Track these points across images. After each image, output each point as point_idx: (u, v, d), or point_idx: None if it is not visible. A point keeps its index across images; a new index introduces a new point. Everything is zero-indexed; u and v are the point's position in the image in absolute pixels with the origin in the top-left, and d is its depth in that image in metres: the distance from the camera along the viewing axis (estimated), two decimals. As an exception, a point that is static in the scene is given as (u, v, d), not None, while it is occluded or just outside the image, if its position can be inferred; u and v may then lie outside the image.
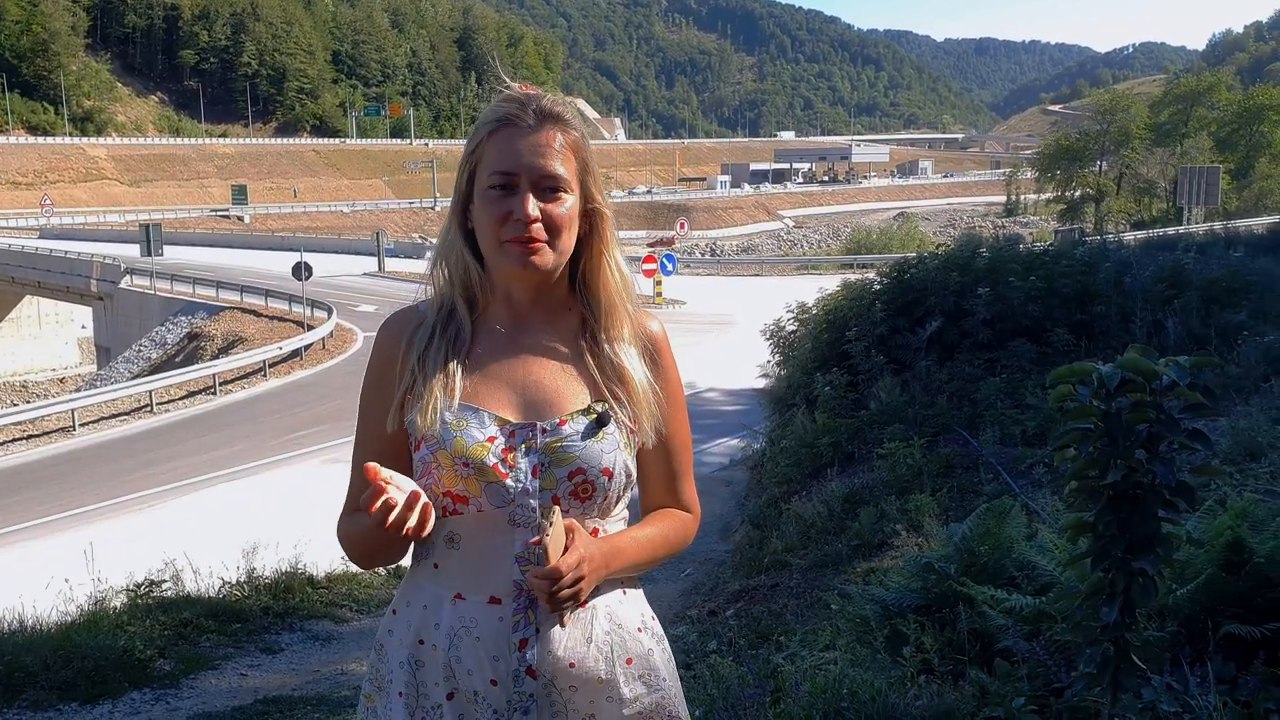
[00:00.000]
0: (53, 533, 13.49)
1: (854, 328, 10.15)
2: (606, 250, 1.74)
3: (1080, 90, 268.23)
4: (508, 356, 1.71)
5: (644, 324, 1.77)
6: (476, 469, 1.62)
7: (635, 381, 1.70)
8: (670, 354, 1.80)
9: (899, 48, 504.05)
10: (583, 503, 1.65)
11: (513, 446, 1.63)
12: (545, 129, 1.67)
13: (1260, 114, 64.94)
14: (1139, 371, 1.97)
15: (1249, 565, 2.81)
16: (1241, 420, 5.30)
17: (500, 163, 1.65)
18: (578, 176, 1.69)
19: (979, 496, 5.68)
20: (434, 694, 1.65)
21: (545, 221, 1.64)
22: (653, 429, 1.71)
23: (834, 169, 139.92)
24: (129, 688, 5.36)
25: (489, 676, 1.61)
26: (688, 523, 1.82)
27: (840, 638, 3.84)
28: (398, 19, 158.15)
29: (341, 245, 59.38)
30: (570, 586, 1.55)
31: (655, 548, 1.75)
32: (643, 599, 1.77)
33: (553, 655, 1.62)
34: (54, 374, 48.43)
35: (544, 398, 1.68)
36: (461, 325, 1.72)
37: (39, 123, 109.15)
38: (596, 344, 1.71)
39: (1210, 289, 9.14)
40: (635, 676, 1.67)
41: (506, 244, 1.64)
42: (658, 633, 1.76)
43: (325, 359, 26.98)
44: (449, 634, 1.63)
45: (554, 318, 1.74)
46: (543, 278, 1.69)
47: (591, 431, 1.65)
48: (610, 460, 1.65)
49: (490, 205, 1.65)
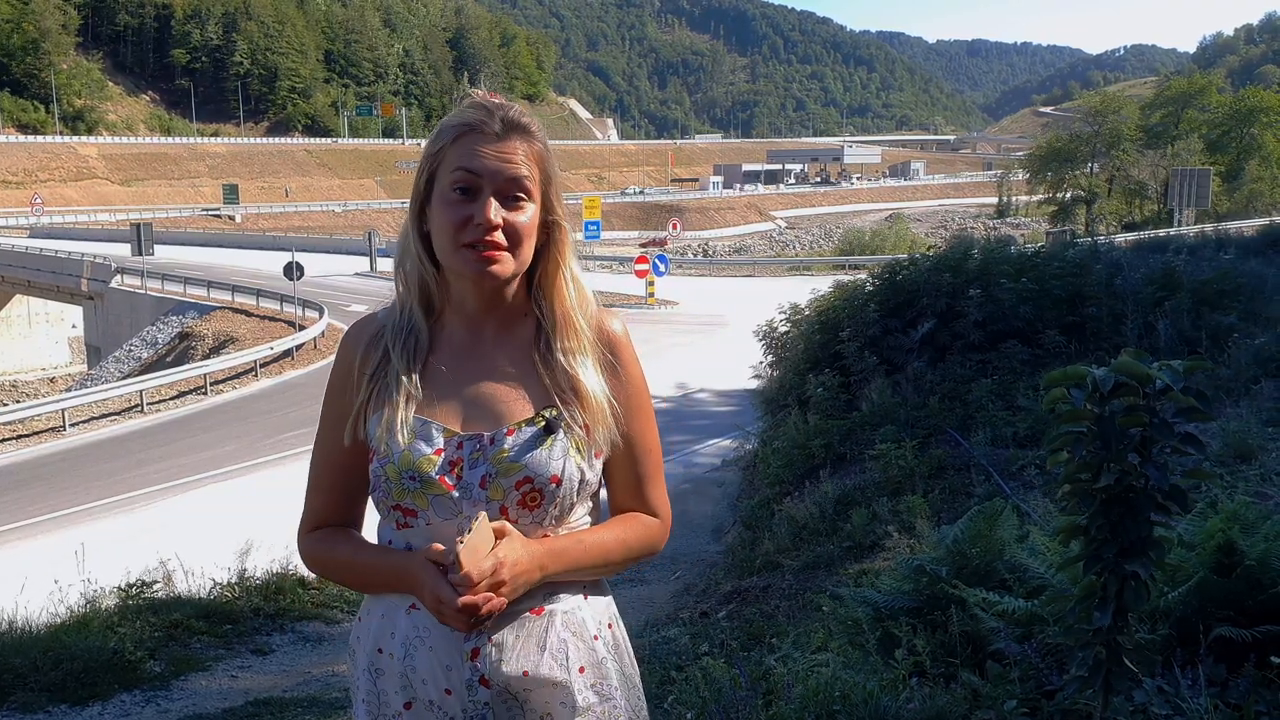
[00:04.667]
0: (43, 533, 13.44)
1: (846, 329, 10.16)
2: (563, 262, 1.72)
3: (1072, 92, 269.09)
4: (460, 366, 1.69)
5: (604, 323, 1.74)
6: (423, 482, 1.61)
7: (589, 393, 1.67)
8: (631, 354, 1.77)
9: (891, 49, 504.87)
10: (531, 511, 1.62)
11: (460, 458, 1.62)
12: (511, 138, 1.65)
13: (1251, 116, 65.17)
14: (1132, 375, 1.97)
15: (1240, 568, 2.81)
16: (1232, 422, 5.31)
17: (463, 163, 1.63)
18: (540, 186, 1.67)
19: (971, 498, 5.69)
20: (393, 702, 1.65)
21: (506, 229, 1.62)
22: (607, 441, 1.69)
23: (826, 170, 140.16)
24: (119, 689, 5.34)
25: (443, 686, 1.61)
26: (652, 527, 1.77)
27: (832, 640, 3.84)
28: (390, 18, 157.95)
29: (333, 245, 59.26)
30: (478, 600, 1.52)
31: (608, 552, 1.70)
32: (607, 605, 1.75)
33: (505, 664, 1.61)
34: (44, 373, 48.27)
35: (493, 408, 1.66)
36: (419, 333, 1.71)
37: (29, 121, 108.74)
38: (550, 353, 1.69)
39: (1201, 291, 9.17)
40: (588, 685, 1.65)
41: (464, 249, 1.62)
42: (617, 641, 1.74)
43: (317, 359, 26.92)
44: (404, 643, 1.63)
45: (509, 325, 1.72)
46: (498, 286, 1.67)
47: (539, 440, 1.63)
48: (558, 468, 1.63)
49: (449, 209, 1.63)
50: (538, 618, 1.64)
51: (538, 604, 1.64)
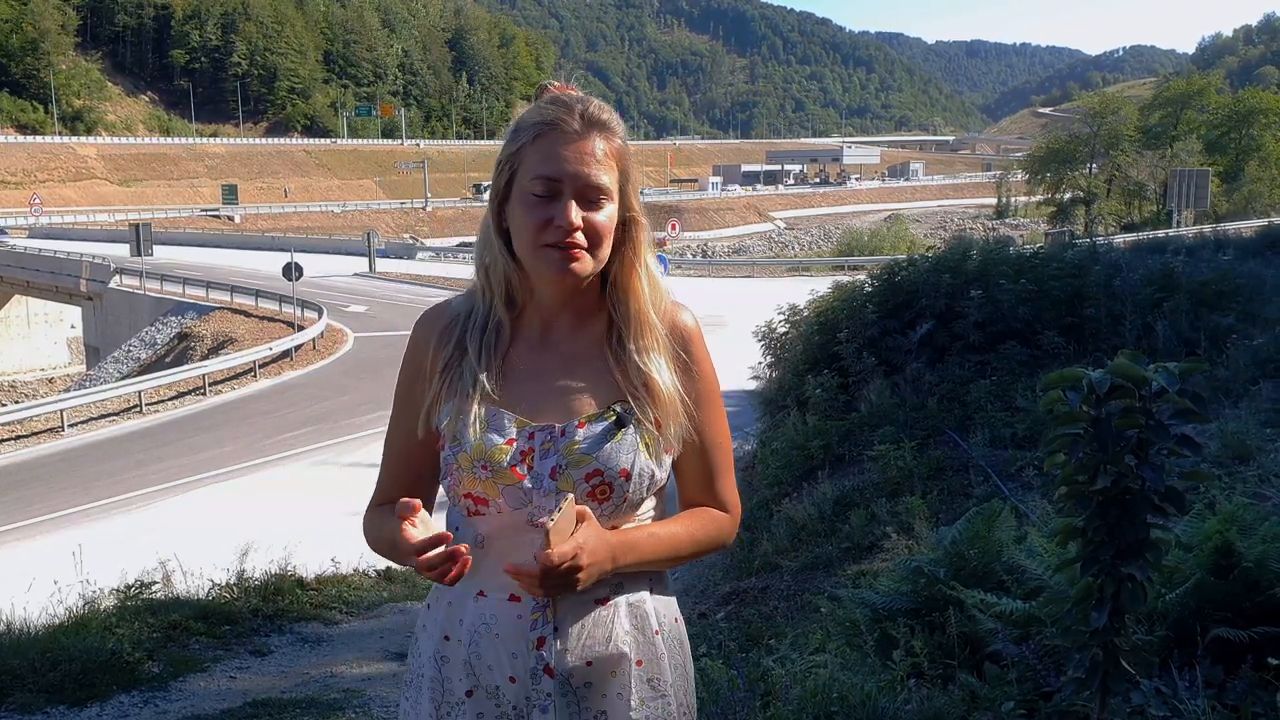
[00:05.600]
0: (42, 534, 13.44)
1: (845, 329, 10.16)
2: (639, 258, 1.73)
3: (1071, 93, 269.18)
4: (534, 358, 1.71)
5: (676, 318, 1.75)
6: (494, 471, 1.63)
7: (661, 389, 1.68)
8: (703, 349, 1.78)
9: (890, 49, 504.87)
10: (600, 504, 1.64)
11: (531, 448, 1.64)
12: (591, 136, 1.66)
13: (1249, 117, 65.26)
14: (1129, 377, 1.97)
15: (1238, 569, 2.81)
16: (1230, 423, 5.31)
17: (544, 168, 1.63)
18: (618, 184, 1.69)
19: (969, 499, 5.69)
20: (456, 690, 1.67)
21: (586, 229, 1.63)
22: (679, 438, 1.71)
23: (825, 171, 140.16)
24: (117, 690, 5.34)
25: (508, 673, 1.63)
26: (722, 522, 1.79)
27: (830, 641, 3.84)
28: (389, 19, 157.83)
29: (332, 245, 59.28)
30: (563, 575, 1.54)
31: (678, 545, 1.72)
32: (670, 602, 1.77)
33: (569, 654, 1.63)
34: (43, 374, 48.24)
35: (565, 400, 1.68)
36: (500, 328, 1.72)
37: (28, 122, 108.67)
38: (623, 350, 1.70)
39: (1200, 292, 9.17)
40: (644, 679, 1.67)
41: (545, 248, 1.63)
42: (676, 638, 1.75)
43: (316, 360, 26.93)
44: (471, 631, 1.65)
45: (583, 322, 1.73)
46: (576, 283, 1.68)
47: (610, 434, 1.64)
48: (628, 462, 1.64)
49: (530, 210, 1.64)
50: (603, 608, 1.66)
51: (605, 594, 1.66)
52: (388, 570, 8.97)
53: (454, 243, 71.43)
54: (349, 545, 9.89)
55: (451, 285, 42.71)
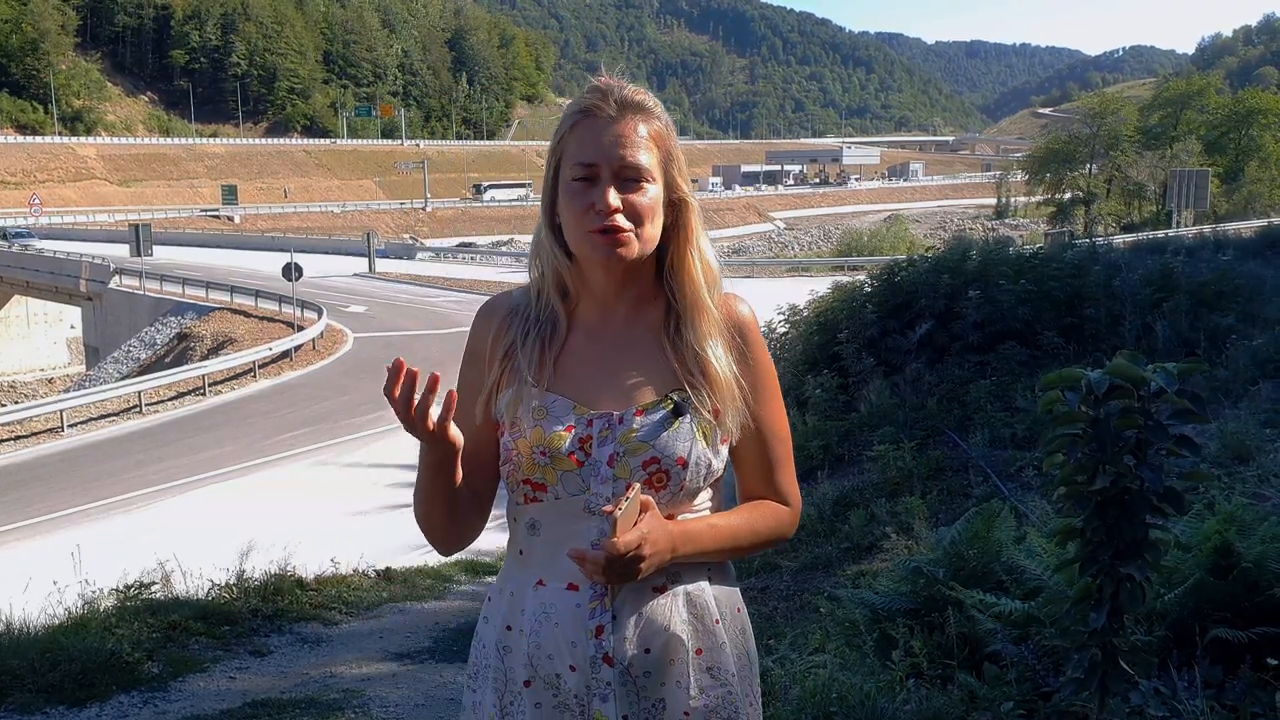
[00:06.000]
0: (41, 534, 13.44)
1: (845, 330, 10.17)
2: (691, 240, 1.73)
3: (1070, 93, 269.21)
4: (592, 346, 1.72)
5: (732, 308, 1.76)
6: (553, 457, 1.64)
7: (718, 375, 1.69)
8: (759, 339, 1.79)
9: (890, 50, 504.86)
10: (657, 492, 1.64)
11: (590, 435, 1.65)
12: (626, 118, 1.67)
13: (1249, 117, 65.20)
14: (1127, 378, 1.97)
15: (1237, 569, 2.81)
16: (1230, 423, 5.32)
17: (581, 154, 1.65)
18: (661, 166, 1.69)
19: (969, 499, 5.69)
20: (516, 679, 1.68)
21: (628, 211, 1.64)
22: (736, 424, 1.71)
23: (825, 171, 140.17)
24: (117, 690, 5.33)
25: (568, 662, 1.63)
26: (783, 515, 1.79)
27: (830, 641, 3.85)
28: (389, 19, 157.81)
29: (332, 246, 59.30)
30: (626, 564, 1.55)
31: (738, 537, 1.72)
32: (732, 591, 1.76)
33: (628, 642, 1.63)
34: (43, 374, 48.24)
35: (623, 388, 1.69)
36: (556, 318, 1.73)
37: (28, 122, 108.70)
38: (680, 336, 1.71)
39: (1199, 292, 9.18)
40: (704, 668, 1.67)
41: (590, 235, 1.64)
42: (738, 627, 1.75)
43: (315, 360, 26.93)
44: (532, 620, 1.66)
45: (640, 309, 1.74)
46: (627, 268, 1.69)
47: (667, 422, 1.65)
48: (685, 450, 1.65)
49: (573, 198, 1.65)
50: (661, 597, 1.66)
51: (662, 583, 1.66)
52: (387, 570, 8.97)
53: (454, 243, 71.45)
54: (349, 545, 9.91)
55: (451, 285, 42.77)
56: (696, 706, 1.66)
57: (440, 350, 27.92)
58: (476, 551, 11.45)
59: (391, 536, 12.44)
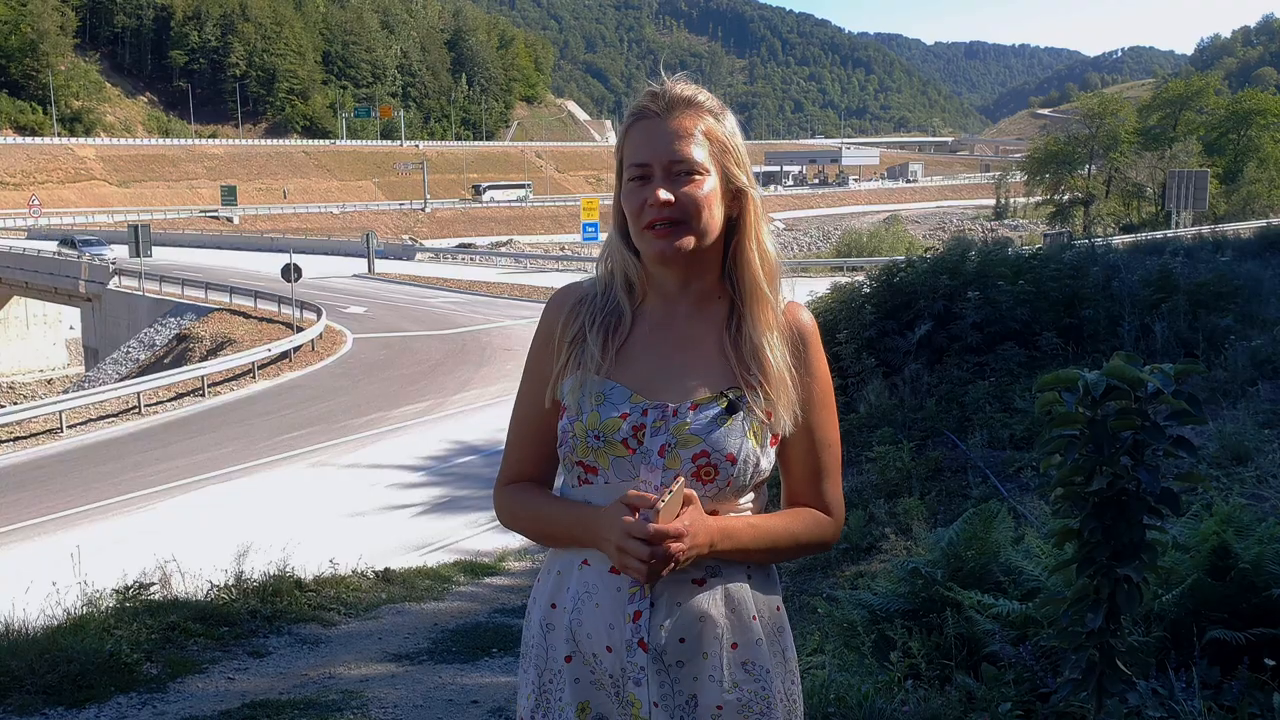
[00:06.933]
0: (40, 535, 13.43)
1: (843, 330, 10.17)
2: (751, 230, 1.77)
3: (1069, 94, 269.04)
4: (654, 339, 1.77)
5: (796, 314, 1.81)
6: (606, 442, 1.69)
7: (773, 368, 1.72)
8: (820, 348, 1.83)
9: (889, 51, 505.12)
10: (705, 485, 1.68)
11: (643, 424, 1.69)
12: (677, 114, 1.72)
13: (1248, 118, 65.16)
14: (1124, 379, 1.98)
15: (1234, 570, 2.82)
16: (1228, 424, 5.32)
17: (634, 155, 1.71)
18: (715, 158, 1.72)
19: (967, 500, 5.70)
20: (557, 656, 1.71)
21: (680, 203, 1.68)
22: (790, 418, 1.74)
23: (824, 172, 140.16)
24: (115, 692, 5.33)
25: (605, 643, 1.67)
26: (824, 523, 1.81)
27: (828, 642, 3.85)
28: (388, 20, 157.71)
29: (331, 246, 59.31)
30: (664, 551, 1.58)
31: (777, 540, 1.75)
32: (771, 589, 1.78)
33: (664, 630, 1.66)
34: (42, 375, 48.21)
35: (680, 381, 1.73)
36: (621, 310, 1.78)
37: (27, 123, 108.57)
38: (739, 330, 1.75)
39: (1198, 293, 9.18)
40: (738, 663, 1.69)
41: (645, 231, 1.69)
42: (776, 626, 1.76)
43: (315, 361, 26.92)
44: (574, 598, 1.70)
45: (703, 306, 1.78)
46: (688, 262, 1.73)
47: (721, 418, 1.69)
48: (735, 446, 1.68)
49: (630, 197, 1.71)
50: (699, 588, 1.69)
51: (701, 576, 1.69)
52: (386, 571, 8.97)
53: (453, 244, 71.47)
54: (347, 546, 9.91)
55: (451, 286, 42.78)
56: (730, 700, 1.68)
57: (440, 351, 27.94)
58: (476, 553, 11.46)
59: (390, 537, 12.46)
